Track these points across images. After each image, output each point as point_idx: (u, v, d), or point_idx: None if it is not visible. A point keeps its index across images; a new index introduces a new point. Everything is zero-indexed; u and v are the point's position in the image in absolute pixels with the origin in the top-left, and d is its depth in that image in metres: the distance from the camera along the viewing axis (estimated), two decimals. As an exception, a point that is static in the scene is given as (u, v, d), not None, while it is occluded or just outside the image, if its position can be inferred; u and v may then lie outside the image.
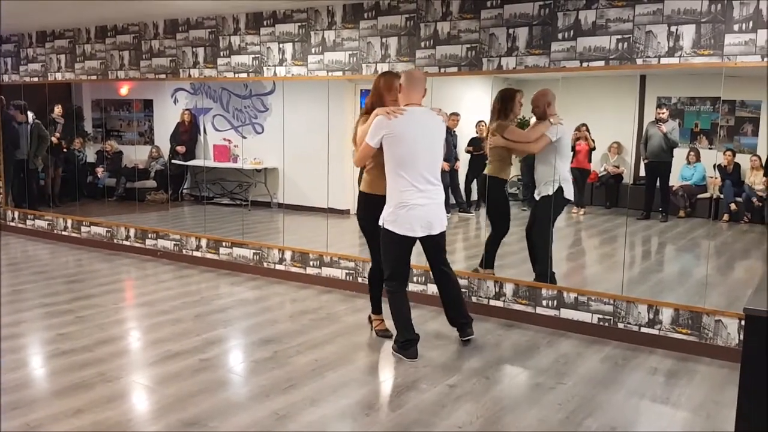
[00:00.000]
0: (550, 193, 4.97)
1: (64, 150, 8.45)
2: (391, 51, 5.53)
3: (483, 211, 6.21)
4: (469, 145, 6.37)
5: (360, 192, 4.58)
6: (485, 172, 5.31)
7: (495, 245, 5.28)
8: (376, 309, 4.77)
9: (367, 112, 4.38)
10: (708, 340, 4.44)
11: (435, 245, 4.40)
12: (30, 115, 8.29)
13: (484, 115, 5.58)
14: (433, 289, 5.47)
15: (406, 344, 4.26)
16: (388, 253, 4.31)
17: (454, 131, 6.31)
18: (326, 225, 6.19)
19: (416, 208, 4.15)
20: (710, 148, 5.37)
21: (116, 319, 5.05)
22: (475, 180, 6.43)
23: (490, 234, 5.29)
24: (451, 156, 6.28)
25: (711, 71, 4.38)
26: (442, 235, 4.37)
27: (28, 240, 8.18)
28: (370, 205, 4.42)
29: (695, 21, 4.33)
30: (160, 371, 4.00)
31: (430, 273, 5.51)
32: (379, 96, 4.38)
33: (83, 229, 7.91)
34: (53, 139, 8.29)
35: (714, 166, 5.11)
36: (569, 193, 5.01)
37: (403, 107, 4.17)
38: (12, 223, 8.62)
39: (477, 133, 6.26)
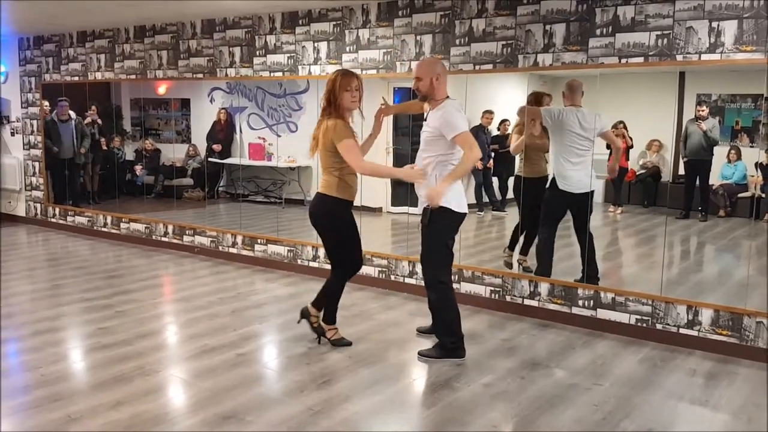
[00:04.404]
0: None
1: (104, 148, 8.62)
2: (425, 49, 5.52)
3: (517, 210, 6.16)
4: (493, 143, 6.33)
5: None
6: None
7: None
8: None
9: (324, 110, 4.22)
10: (749, 341, 4.35)
11: None
12: (71, 113, 8.48)
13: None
14: (467, 287, 5.46)
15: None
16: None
17: (488, 129, 6.28)
18: (359, 223, 6.18)
19: None
20: (752, 146, 5.25)
21: (154, 313, 5.13)
22: (509, 178, 6.38)
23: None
24: (484, 154, 6.25)
25: (753, 68, 4.28)
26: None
27: (69, 236, 8.36)
28: None
29: (737, 16, 4.24)
30: (198, 365, 4.06)
31: (464, 271, 5.51)
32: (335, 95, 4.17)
33: (122, 225, 8.06)
34: (90, 119, 8.46)
35: (756, 164, 4.99)
36: None
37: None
38: (53, 219, 8.83)
39: (499, 131, 6.24)
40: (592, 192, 5.03)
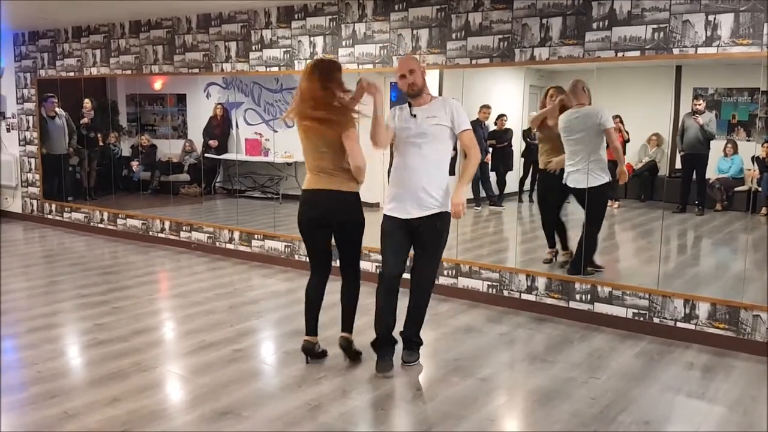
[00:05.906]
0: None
1: (100, 144, 8.60)
2: (422, 43, 5.51)
3: (514, 204, 6.17)
4: (490, 138, 6.33)
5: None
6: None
7: None
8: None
9: None
10: (746, 335, 4.36)
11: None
12: (58, 110, 8.45)
13: (515, 108, 5.52)
14: (464, 282, 5.46)
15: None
16: None
17: (485, 124, 6.26)
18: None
19: None
20: (748, 140, 5.25)
21: (151, 309, 5.13)
22: (507, 173, 6.39)
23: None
24: (482, 149, 6.24)
25: (750, 61, 4.27)
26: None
27: (65, 232, 8.34)
28: None
29: (734, 10, 4.23)
30: (195, 361, 4.05)
31: (462, 266, 5.51)
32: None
33: (119, 221, 8.04)
34: (85, 120, 8.43)
35: (752, 158, 4.99)
36: None
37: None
38: (49, 216, 8.80)
39: (497, 126, 6.25)
40: (591, 189, 4.98)
